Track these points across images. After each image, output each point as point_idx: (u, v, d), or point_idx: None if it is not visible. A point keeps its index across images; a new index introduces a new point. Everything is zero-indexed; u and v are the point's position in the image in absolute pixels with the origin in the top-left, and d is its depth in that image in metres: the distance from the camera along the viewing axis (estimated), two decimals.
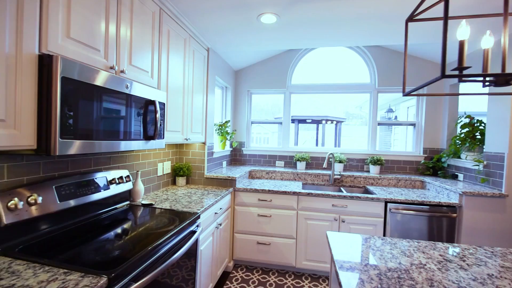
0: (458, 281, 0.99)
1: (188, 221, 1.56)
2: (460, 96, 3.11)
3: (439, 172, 2.97)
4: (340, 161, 3.11)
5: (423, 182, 2.83)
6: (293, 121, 7.10)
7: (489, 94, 1.03)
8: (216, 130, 3.01)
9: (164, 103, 1.69)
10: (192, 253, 1.66)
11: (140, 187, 1.89)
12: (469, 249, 1.28)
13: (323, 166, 2.81)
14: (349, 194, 2.41)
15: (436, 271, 1.06)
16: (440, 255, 1.21)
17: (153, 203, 1.86)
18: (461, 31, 0.86)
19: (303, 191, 2.47)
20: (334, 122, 6.30)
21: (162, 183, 2.36)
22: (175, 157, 2.60)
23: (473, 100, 3.18)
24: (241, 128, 3.58)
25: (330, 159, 3.13)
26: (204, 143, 2.58)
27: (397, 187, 2.87)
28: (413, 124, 3.31)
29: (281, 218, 2.51)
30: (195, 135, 2.34)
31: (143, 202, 1.87)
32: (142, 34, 1.56)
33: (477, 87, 3.31)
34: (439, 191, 2.54)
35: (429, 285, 0.95)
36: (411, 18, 1.04)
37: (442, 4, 1.50)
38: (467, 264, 1.13)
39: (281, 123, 3.52)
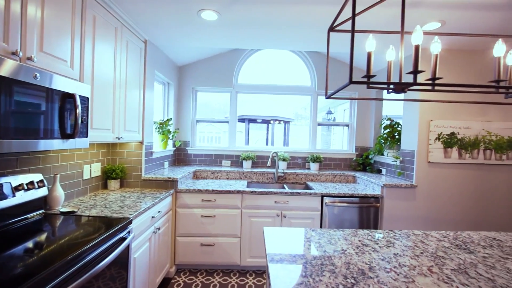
0: (370, 262, 1.12)
1: (116, 228, 1.42)
2: (384, 101, 3.56)
3: (367, 168, 3.35)
4: (284, 160, 3.25)
5: (355, 177, 3.16)
6: (243, 120, 7.12)
7: (404, 100, 1.19)
8: (156, 128, 2.83)
9: (87, 97, 1.51)
10: (123, 261, 1.52)
11: (59, 193, 1.65)
12: (382, 234, 1.46)
13: (267, 165, 2.90)
14: (290, 190, 2.53)
15: (353, 255, 1.18)
16: (359, 240, 1.35)
17: (76, 210, 1.65)
18: (369, 43, 0.97)
19: (247, 189, 2.51)
20: (282, 122, 6.58)
21: (90, 187, 2.10)
22: (106, 158, 2.35)
23: (394, 105, 3.69)
24: (185, 127, 3.45)
25: (274, 158, 3.25)
26: (141, 142, 2.39)
27: (333, 182, 3.13)
28: (348, 125, 3.67)
29: (225, 218, 2.49)
30: (130, 133, 2.16)
31: (63, 210, 1.63)
32: (58, 17, 1.37)
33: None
34: (367, 185, 2.86)
35: (346, 268, 1.05)
36: (332, 29, 1.13)
37: (358, 18, 1.69)
38: (379, 246, 1.29)
39: (227, 122, 3.51)
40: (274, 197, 2.51)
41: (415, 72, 0.87)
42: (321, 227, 2.56)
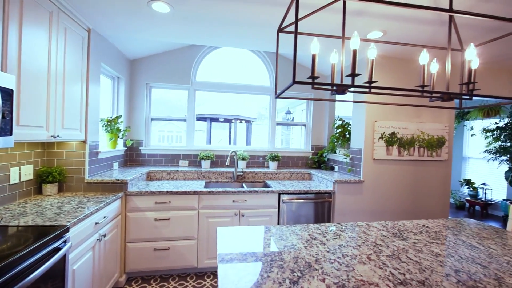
0: (316, 254, 1.17)
1: (48, 238, 1.26)
2: (336, 103, 3.80)
3: (322, 165, 3.54)
4: (243, 159, 3.25)
5: (310, 174, 3.31)
6: (205, 119, 6.95)
7: (353, 101, 1.27)
8: (103, 126, 2.60)
9: (11, 90, 1.31)
10: (59, 274, 1.35)
11: None
12: (330, 227, 1.55)
13: (226, 164, 2.88)
14: (248, 189, 2.54)
15: (302, 249, 1.23)
16: (309, 235, 1.41)
17: None
18: (313, 46, 1.01)
19: (204, 189, 2.45)
20: (243, 122, 6.60)
21: (19, 193, 1.83)
22: (41, 159, 2.07)
23: (345, 106, 3.98)
24: (138, 125, 3.23)
25: (234, 157, 3.23)
26: (84, 142, 2.17)
27: (290, 180, 3.24)
28: (304, 125, 3.83)
29: (181, 220, 2.40)
30: (70, 131, 1.94)
31: None
32: None
33: (348, 95, 4.12)
34: (321, 181, 3.01)
35: (294, 262, 1.09)
36: (280, 30, 1.16)
37: (306, 20, 1.77)
38: (326, 239, 1.36)
39: (185, 120, 3.38)
40: (232, 196, 2.49)
41: (353, 75, 0.93)
42: (278, 223, 2.62)
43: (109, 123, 2.61)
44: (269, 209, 2.59)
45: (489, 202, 5.07)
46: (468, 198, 5.37)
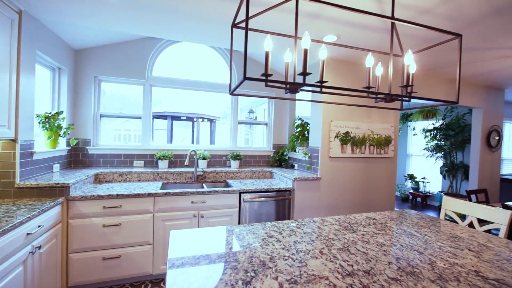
0: (271, 252, 1.17)
1: None
2: (297, 102, 3.92)
3: (283, 164, 3.61)
4: (204, 158, 3.16)
5: (272, 173, 3.35)
6: (165, 117, 6.61)
7: (308, 100, 1.29)
8: (40, 123, 2.29)
9: None
10: None
11: None
12: (287, 224, 1.58)
13: (185, 164, 2.76)
14: (207, 189, 2.47)
15: (258, 248, 1.22)
16: (266, 233, 1.41)
17: None
18: (266, 43, 1.00)
19: (160, 191, 2.31)
20: (205, 120, 6.44)
21: None
22: None
23: (305, 106, 4.14)
24: (85, 122, 2.92)
25: (194, 156, 3.12)
26: (14, 140, 1.88)
27: (252, 178, 3.24)
28: (266, 124, 3.87)
29: (134, 225, 2.23)
30: None
31: None
32: None
33: (307, 95, 4.28)
34: (281, 179, 3.07)
35: (248, 262, 1.07)
36: (235, 25, 1.13)
37: (263, 18, 1.78)
38: (282, 236, 1.38)
39: (140, 118, 3.16)
40: (191, 197, 2.40)
41: (304, 74, 0.95)
42: (239, 223, 2.60)
43: (47, 119, 2.30)
44: (230, 209, 2.55)
45: (428, 194, 5.73)
46: (411, 191, 6.00)
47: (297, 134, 3.39)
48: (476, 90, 4.00)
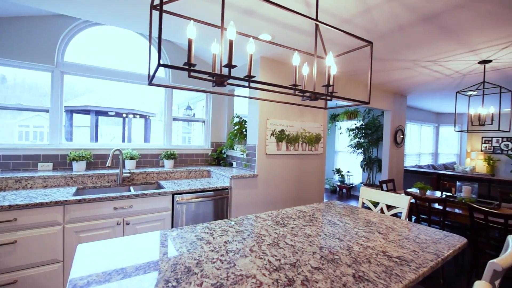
0: (199, 256, 1.09)
1: None
2: (235, 100, 3.89)
3: (221, 162, 3.54)
4: (132, 158, 2.84)
5: (209, 172, 3.25)
6: (88, 112, 5.74)
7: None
8: None
9: None
10: None
11: None
12: (220, 223, 1.52)
13: (107, 165, 2.41)
14: (134, 192, 2.21)
15: (185, 253, 1.12)
16: (195, 236, 1.32)
17: None
18: (190, 30, 0.91)
19: (72, 198, 1.95)
20: (138, 116, 5.85)
21: None
22: None
23: (243, 104, 4.16)
24: None
25: (119, 156, 2.77)
26: None
27: (188, 178, 3.07)
28: (204, 121, 3.73)
29: (36, 241, 1.83)
30: None
31: None
32: None
33: (244, 92, 4.32)
34: (219, 178, 3.00)
35: (171, 271, 0.97)
36: (154, 7, 1.00)
37: (189, 3, 1.68)
38: (213, 237, 1.31)
39: (47, 110, 2.63)
40: (113, 203, 2.11)
41: (229, 66, 0.90)
42: (172, 227, 2.42)
43: None
44: (161, 212, 2.34)
45: (352, 185, 6.51)
46: (338, 183, 6.72)
47: (235, 131, 3.36)
48: (387, 95, 4.71)
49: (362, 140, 6.25)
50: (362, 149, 6.26)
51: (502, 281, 2.56)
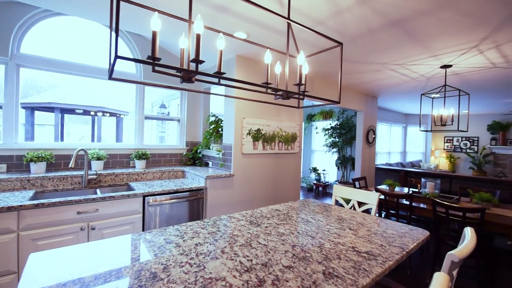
0: (167, 261, 1.04)
1: None
2: (211, 98, 3.82)
3: (197, 162, 3.46)
4: (99, 158, 2.67)
5: (184, 172, 3.15)
6: (52, 109, 5.33)
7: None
8: None
9: None
10: None
11: None
12: (192, 225, 1.47)
13: (69, 166, 2.23)
14: (101, 195, 2.07)
15: (151, 258, 1.06)
16: (164, 239, 1.26)
17: None
18: (154, 22, 0.86)
19: (28, 202, 1.79)
20: (107, 114, 5.53)
21: None
22: None
23: (219, 103, 4.09)
24: None
25: (84, 157, 2.59)
26: None
27: (161, 179, 2.96)
28: (179, 120, 3.61)
29: None
30: None
31: None
32: None
33: (220, 90, 4.26)
34: (194, 178, 2.92)
35: (135, 278, 0.91)
36: None
37: None
38: (183, 240, 1.26)
39: (1, 107, 2.38)
40: (77, 207, 1.96)
41: (197, 61, 0.86)
42: (144, 230, 2.31)
43: None
44: (131, 215, 2.23)
45: (327, 183, 6.69)
46: (315, 181, 6.88)
47: (211, 131, 3.30)
48: (359, 97, 4.90)
49: (337, 140, 6.46)
50: (337, 148, 6.47)
51: (460, 269, 2.76)
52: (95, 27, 2.92)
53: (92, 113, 5.33)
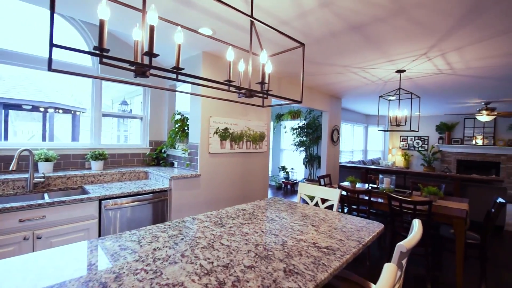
0: (120, 269, 0.97)
1: None
2: (177, 96, 3.68)
3: (161, 162, 3.31)
4: (47, 159, 2.41)
5: (147, 173, 2.99)
6: None
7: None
8: None
9: None
10: None
11: None
12: (152, 229, 1.39)
13: (10, 169, 1.97)
14: (48, 200, 1.87)
15: (102, 267, 0.98)
16: (119, 245, 1.18)
17: None
18: (101, 10, 0.79)
19: None
20: (61, 111, 5.04)
21: None
22: None
23: (186, 101, 3.96)
24: None
25: (29, 158, 2.32)
26: None
27: (121, 181, 2.77)
28: (142, 118, 3.42)
29: None
30: None
31: None
32: None
33: (186, 87, 4.13)
34: (158, 179, 2.79)
35: (80, 286, 0.83)
36: None
37: None
38: (140, 245, 1.18)
39: None
40: (18, 214, 1.74)
41: (150, 54, 0.81)
42: (99, 236, 2.14)
43: None
44: (85, 221, 2.04)
45: (295, 181, 6.87)
46: (284, 180, 7.02)
47: (176, 129, 3.17)
48: (324, 97, 5.10)
49: (304, 139, 6.66)
50: (304, 147, 6.67)
51: (411, 257, 3.02)
52: (42, 13, 2.62)
53: (42, 109, 4.81)
